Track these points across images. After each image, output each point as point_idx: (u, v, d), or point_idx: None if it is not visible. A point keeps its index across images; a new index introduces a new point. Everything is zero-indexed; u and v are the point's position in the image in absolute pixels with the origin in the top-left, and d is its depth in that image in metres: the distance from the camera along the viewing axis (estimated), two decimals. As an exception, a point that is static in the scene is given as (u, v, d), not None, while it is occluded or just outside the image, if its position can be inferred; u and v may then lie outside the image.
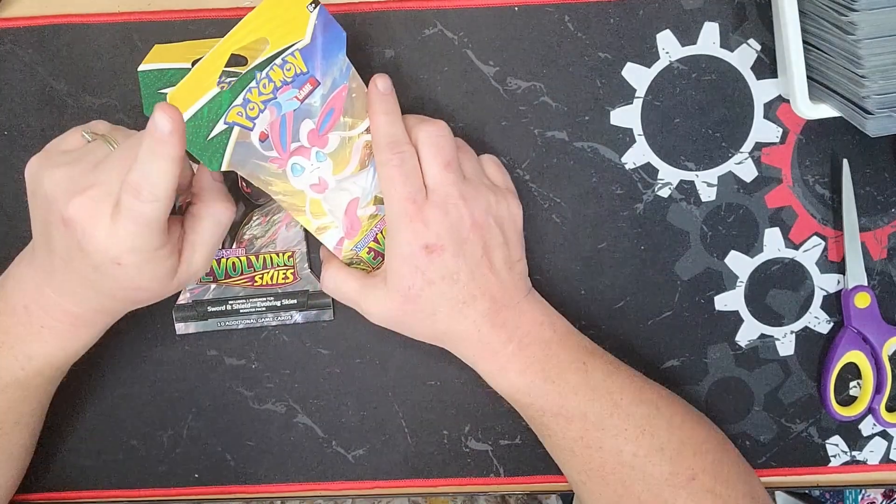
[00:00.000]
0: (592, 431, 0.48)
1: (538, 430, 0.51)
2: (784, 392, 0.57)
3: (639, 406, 0.49)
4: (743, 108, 0.55)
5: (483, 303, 0.49)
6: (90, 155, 0.44)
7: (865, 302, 0.55)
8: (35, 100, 0.55)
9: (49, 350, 0.47)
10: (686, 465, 0.47)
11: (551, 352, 0.49)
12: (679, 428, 0.49)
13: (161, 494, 0.57)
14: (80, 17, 0.55)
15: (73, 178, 0.42)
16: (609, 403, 0.48)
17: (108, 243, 0.41)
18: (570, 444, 0.48)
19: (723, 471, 0.48)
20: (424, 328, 0.50)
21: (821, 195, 0.56)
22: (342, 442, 0.57)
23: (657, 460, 0.47)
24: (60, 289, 0.45)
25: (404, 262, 0.47)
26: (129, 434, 0.56)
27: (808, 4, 0.49)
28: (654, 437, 0.48)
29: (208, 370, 0.56)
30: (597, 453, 0.48)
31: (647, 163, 0.55)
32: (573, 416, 0.48)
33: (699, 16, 0.54)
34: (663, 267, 0.56)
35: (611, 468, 0.48)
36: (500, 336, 0.49)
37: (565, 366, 0.49)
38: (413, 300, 0.48)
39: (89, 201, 0.41)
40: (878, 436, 0.57)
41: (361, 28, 0.54)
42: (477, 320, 0.49)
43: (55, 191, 0.42)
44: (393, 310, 0.49)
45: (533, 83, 0.55)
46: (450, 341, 0.50)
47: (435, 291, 0.48)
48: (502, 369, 0.49)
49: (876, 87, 0.46)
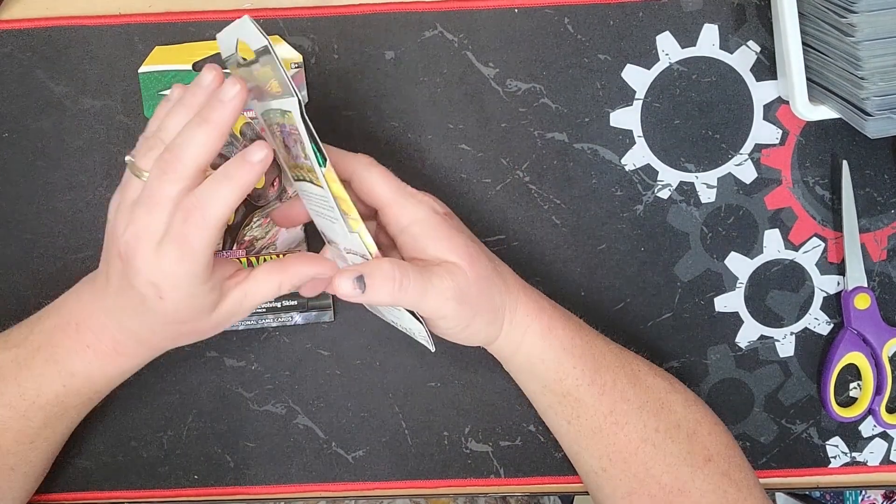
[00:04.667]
0: (620, 403, 0.48)
1: (566, 414, 0.49)
2: (784, 393, 0.57)
3: (654, 378, 0.49)
4: (742, 109, 0.55)
5: (503, 266, 0.49)
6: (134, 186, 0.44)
7: (865, 303, 0.55)
8: (35, 102, 0.55)
9: (90, 370, 0.47)
10: (702, 444, 0.48)
11: (570, 318, 0.50)
12: (694, 405, 0.50)
13: (161, 496, 0.57)
14: (80, 20, 0.55)
15: (122, 214, 0.43)
16: (631, 373, 0.49)
17: (152, 270, 0.42)
18: (600, 421, 0.48)
19: (734, 455, 0.49)
20: (493, 295, 0.47)
21: (820, 196, 0.56)
22: (342, 443, 0.57)
23: (676, 436, 0.47)
24: (110, 314, 0.46)
25: (448, 229, 0.46)
26: (129, 435, 0.56)
27: (807, 6, 0.49)
28: (671, 413, 0.48)
29: (208, 371, 0.56)
30: (622, 430, 0.48)
31: (646, 164, 0.55)
32: (605, 384, 0.48)
33: (699, 18, 0.54)
34: (663, 268, 0.56)
35: (634, 447, 0.47)
36: (533, 290, 0.50)
37: (586, 330, 0.50)
38: (476, 259, 0.46)
39: (139, 230, 0.41)
40: (879, 437, 0.57)
41: (362, 30, 0.55)
42: (512, 274, 0.49)
43: (116, 223, 0.43)
44: (472, 280, 0.45)
45: (533, 85, 0.55)
46: (512, 305, 0.48)
47: (479, 248, 0.48)
48: (550, 327, 0.48)
49: (875, 88, 0.46)
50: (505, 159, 0.55)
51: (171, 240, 0.41)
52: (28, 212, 0.55)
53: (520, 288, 0.49)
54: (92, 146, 0.55)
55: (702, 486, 0.47)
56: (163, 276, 0.42)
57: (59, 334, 0.47)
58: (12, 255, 0.56)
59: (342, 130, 0.55)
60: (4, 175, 0.55)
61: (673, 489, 0.47)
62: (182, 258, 0.41)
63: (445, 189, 0.55)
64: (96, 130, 0.55)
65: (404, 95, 0.55)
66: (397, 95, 0.55)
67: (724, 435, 0.50)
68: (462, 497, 0.61)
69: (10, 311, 0.55)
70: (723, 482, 0.47)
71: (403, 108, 0.55)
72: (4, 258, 0.56)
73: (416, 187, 0.55)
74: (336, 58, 0.55)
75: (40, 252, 0.56)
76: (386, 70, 0.55)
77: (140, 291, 0.42)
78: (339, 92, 0.55)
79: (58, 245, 0.56)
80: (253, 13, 0.54)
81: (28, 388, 0.47)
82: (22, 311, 0.54)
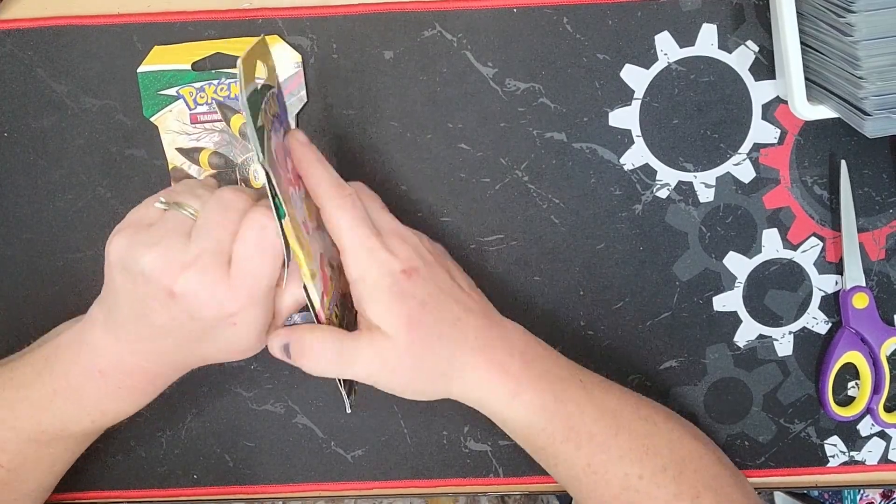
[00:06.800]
0: (598, 455, 0.47)
1: (545, 461, 0.49)
2: (782, 392, 0.57)
3: (639, 423, 0.48)
4: (741, 109, 0.55)
5: (475, 318, 0.47)
6: (177, 226, 0.43)
7: (863, 302, 0.55)
8: (35, 101, 0.55)
9: (123, 407, 0.47)
10: (689, 483, 0.47)
11: (551, 368, 0.48)
12: (679, 444, 0.48)
13: (160, 495, 0.57)
14: (79, 19, 0.55)
15: (171, 255, 0.42)
16: (612, 422, 0.47)
17: (227, 303, 0.42)
18: (578, 472, 0.47)
19: (723, 486, 0.48)
20: (435, 363, 0.45)
21: (819, 196, 0.56)
22: (341, 442, 0.57)
23: (662, 481, 0.47)
24: (147, 357, 0.45)
25: (391, 294, 0.44)
26: (128, 435, 0.57)
27: (806, 6, 0.49)
28: (656, 457, 0.47)
29: (207, 371, 0.56)
30: (602, 479, 0.47)
31: (645, 164, 0.55)
32: (581, 439, 0.47)
33: (697, 17, 0.54)
34: (662, 268, 0.56)
35: (616, 493, 0.47)
36: (503, 350, 0.47)
37: (567, 383, 0.48)
38: (417, 326, 0.44)
39: (199, 274, 0.42)
40: (877, 436, 0.57)
41: (361, 29, 0.55)
42: (477, 336, 0.46)
43: (155, 270, 0.42)
44: (402, 351, 0.44)
45: (532, 84, 0.55)
46: (459, 372, 0.46)
47: (431, 312, 0.45)
48: (515, 392, 0.46)
49: (874, 88, 0.46)
50: (504, 159, 0.55)
51: (240, 260, 0.42)
52: (28, 212, 0.56)
53: (481, 350, 0.46)
54: (92, 145, 0.55)
55: None
56: (239, 297, 0.42)
57: (84, 383, 0.46)
58: (12, 255, 0.56)
59: (341, 130, 0.55)
60: (5, 174, 0.55)
61: None
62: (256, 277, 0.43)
63: (444, 189, 0.56)
64: (96, 130, 0.55)
65: (403, 95, 0.55)
66: (396, 95, 0.55)
67: (712, 466, 0.48)
68: (462, 496, 0.61)
69: (10, 311, 0.55)
70: None
71: (402, 107, 0.55)
72: (4, 258, 0.56)
73: (415, 187, 0.55)
74: (335, 57, 0.55)
75: (40, 252, 0.56)
76: (385, 70, 0.55)
77: (207, 323, 0.43)
78: (339, 92, 0.55)
79: (58, 245, 0.56)
80: (252, 13, 0.54)
81: (49, 424, 0.47)
82: (22, 310, 0.55)
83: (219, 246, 0.42)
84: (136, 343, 0.45)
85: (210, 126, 0.55)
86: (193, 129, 0.55)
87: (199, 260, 0.42)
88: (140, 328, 0.44)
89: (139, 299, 0.43)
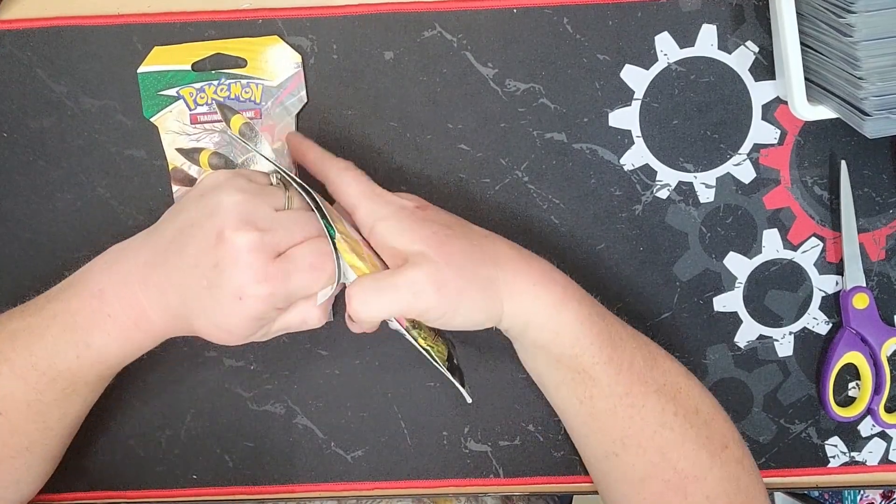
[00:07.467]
0: (638, 385, 0.46)
1: (579, 393, 0.48)
2: (783, 393, 0.57)
3: (671, 363, 0.48)
4: (741, 109, 0.55)
5: (496, 242, 0.48)
6: (272, 198, 0.46)
7: (864, 303, 0.55)
8: (35, 101, 0.55)
9: (106, 342, 0.46)
10: (720, 430, 0.47)
11: (586, 294, 0.49)
12: (708, 394, 0.49)
13: (159, 496, 0.57)
14: (79, 19, 0.55)
15: (251, 209, 0.44)
16: (648, 354, 0.48)
17: (252, 279, 0.43)
18: (615, 402, 0.46)
19: (744, 445, 0.48)
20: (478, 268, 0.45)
21: (819, 196, 0.56)
22: (341, 443, 0.57)
23: (695, 421, 0.46)
24: (149, 290, 0.45)
25: (412, 221, 0.46)
26: (127, 435, 0.56)
27: (805, 6, 0.49)
28: (689, 398, 0.47)
29: (207, 371, 0.56)
30: (639, 413, 0.46)
31: (645, 164, 0.55)
32: (623, 363, 0.46)
33: (697, 18, 0.54)
34: (662, 268, 0.56)
35: (651, 431, 0.46)
36: (539, 261, 0.48)
37: (602, 308, 0.48)
38: (448, 240, 0.45)
39: (258, 241, 0.43)
40: (877, 436, 0.57)
41: (361, 30, 0.55)
42: (511, 247, 0.48)
43: (230, 209, 0.44)
44: (442, 264, 0.44)
45: (532, 85, 0.55)
46: (505, 276, 0.46)
47: (456, 230, 0.47)
48: (563, 300, 0.46)
49: (874, 88, 0.46)
50: (504, 159, 0.55)
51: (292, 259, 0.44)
52: (28, 212, 0.56)
53: (519, 259, 0.47)
54: (92, 146, 0.55)
55: (719, 472, 0.46)
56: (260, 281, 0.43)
57: (79, 302, 0.46)
58: (12, 255, 0.56)
59: (341, 130, 0.55)
60: (4, 174, 0.55)
61: (689, 475, 0.46)
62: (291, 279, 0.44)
63: (444, 189, 0.55)
64: (96, 130, 0.55)
65: (403, 95, 0.55)
66: (396, 95, 0.55)
67: (735, 426, 0.49)
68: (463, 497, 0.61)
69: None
70: (737, 470, 0.46)
71: (402, 108, 0.55)
72: (4, 258, 0.56)
73: (416, 188, 0.55)
74: (335, 58, 0.55)
75: (40, 252, 0.56)
76: (385, 70, 0.55)
77: (219, 279, 0.43)
78: (338, 92, 0.55)
79: (58, 245, 0.56)
80: (252, 13, 0.54)
81: (40, 358, 0.46)
82: (21, 310, 0.54)
83: (286, 237, 0.44)
84: (152, 269, 0.45)
85: (210, 126, 0.55)
86: (193, 129, 0.55)
87: (268, 234, 0.43)
88: (168, 250, 0.45)
89: (190, 224, 0.44)
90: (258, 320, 0.45)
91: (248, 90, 0.54)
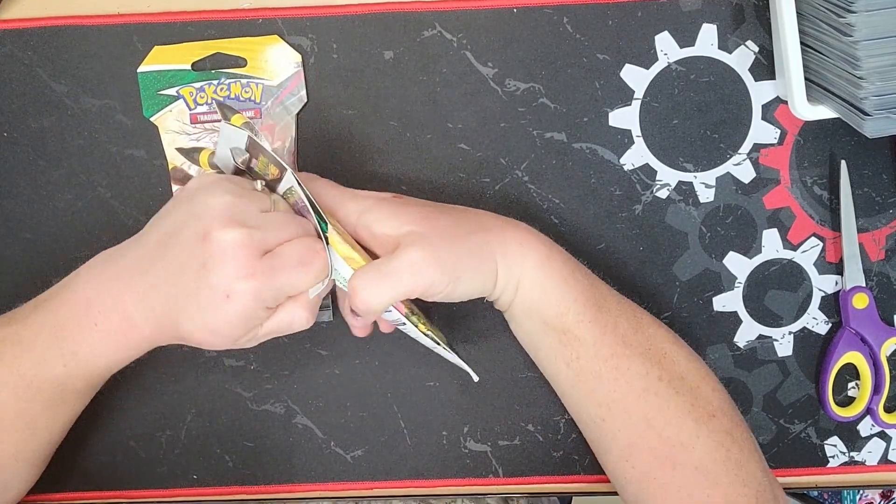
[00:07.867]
0: (622, 347, 0.47)
1: (566, 355, 0.48)
2: (783, 393, 0.57)
3: (658, 328, 0.48)
4: (741, 109, 0.55)
5: (480, 213, 0.49)
6: (257, 200, 0.45)
7: (863, 303, 0.55)
8: (35, 101, 0.55)
9: (94, 350, 0.46)
10: (706, 398, 0.47)
11: (571, 257, 0.50)
12: (696, 361, 0.49)
13: (159, 496, 0.57)
14: (79, 19, 0.55)
15: (237, 209, 0.44)
16: (633, 318, 0.48)
17: (239, 277, 0.42)
18: (600, 365, 0.47)
19: (736, 415, 0.48)
20: (471, 233, 0.46)
21: (819, 196, 0.56)
22: (341, 443, 0.57)
23: (680, 388, 0.46)
24: (135, 298, 0.45)
25: (395, 206, 0.47)
26: (127, 435, 0.56)
27: (805, 6, 0.49)
28: (674, 364, 0.47)
29: (207, 371, 0.56)
30: (623, 377, 0.46)
31: (645, 164, 0.55)
32: (608, 324, 0.47)
33: (697, 17, 0.54)
34: (662, 268, 0.56)
35: (636, 396, 0.46)
36: (527, 228, 0.49)
37: (587, 271, 0.49)
38: (435, 215, 0.47)
39: (246, 238, 0.43)
40: (877, 436, 0.57)
41: (361, 29, 0.55)
42: (496, 216, 0.49)
43: (216, 209, 0.43)
44: (435, 237, 0.45)
45: (532, 84, 0.55)
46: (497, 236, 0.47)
47: (439, 208, 0.48)
48: (548, 255, 0.47)
49: (874, 88, 0.46)
50: (504, 159, 0.55)
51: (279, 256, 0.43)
52: (28, 212, 0.56)
53: (505, 224, 0.49)
54: (92, 145, 0.55)
55: (706, 442, 0.46)
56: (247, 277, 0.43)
57: (66, 311, 0.46)
58: (12, 255, 0.56)
59: (341, 130, 0.55)
60: (4, 174, 0.55)
61: (675, 443, 0.46)
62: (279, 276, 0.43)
63: (444, 188, 0.56)
64: (96, 130, 0.55)
65: (403, 95, 0.55)
66: (396, 95, 0.55)
67: (726, 394, 0.49)
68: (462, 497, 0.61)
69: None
70: (726, 440, 0.46)
71: (402, 107, 0.55)
72: (4, 258, 0.56)
73: (415, 187, 0.55)
74: (335, 57, 0.55)
75: (40, 252, 0.56)
76: (385, 70, 0.55)
77: (207, 279, 0.43)
78: (338, 92, 0.55)
79: (58, 245, 0.56)
80: (252, 13, 0.54)
81: (27, 367, 0.46)
82: (21, 310, 0.54)
83: (274, 235, 0.44)
84: (139, 276, 0.45)
85: (210, 126, 0.55)
86: (193, 129, 0.55)
87: (256, 232, 0.43)
88: (155, 255, 0.44)
89: (177, 227, 0.44)
90: (246, 320, 0.44)
91: (248, 90, 0.54)
